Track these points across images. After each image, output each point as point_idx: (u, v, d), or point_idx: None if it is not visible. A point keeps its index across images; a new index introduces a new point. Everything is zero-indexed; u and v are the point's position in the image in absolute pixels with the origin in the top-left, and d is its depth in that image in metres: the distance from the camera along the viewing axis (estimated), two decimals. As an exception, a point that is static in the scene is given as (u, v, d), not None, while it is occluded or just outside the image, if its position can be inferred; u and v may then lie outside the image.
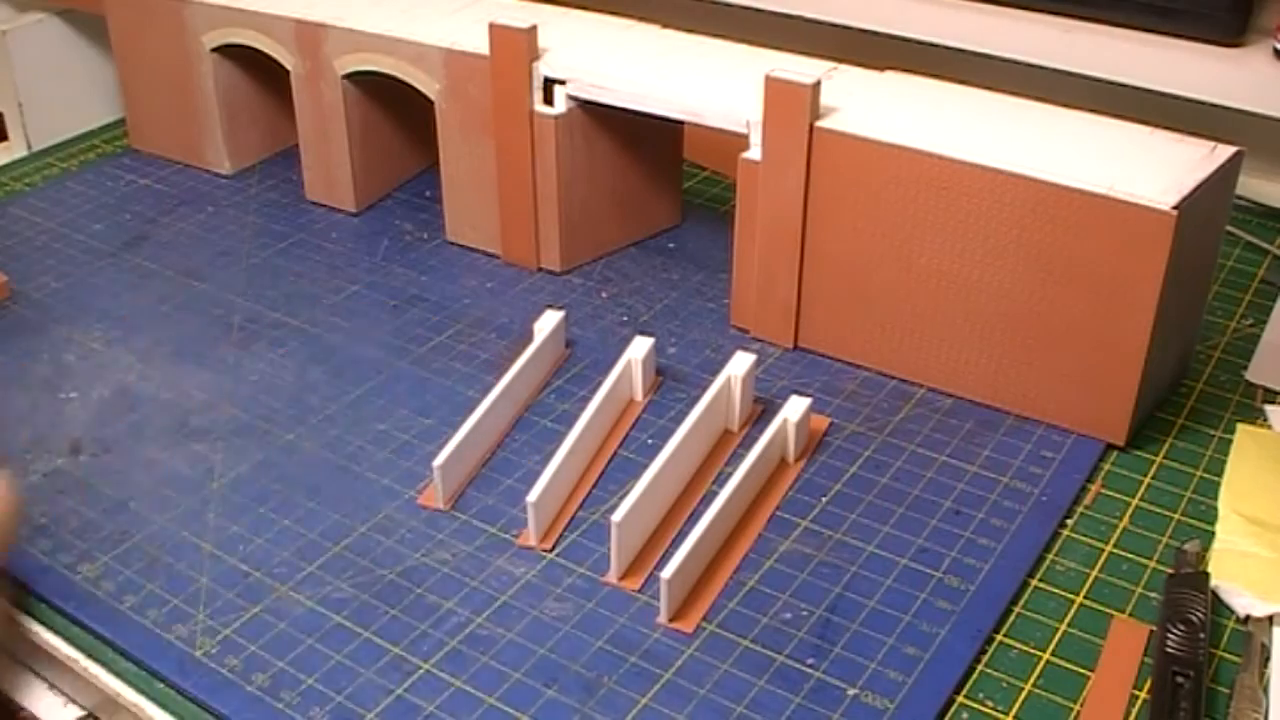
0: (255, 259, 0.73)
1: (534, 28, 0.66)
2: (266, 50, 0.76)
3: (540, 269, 0.71)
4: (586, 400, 0.56)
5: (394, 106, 0.76)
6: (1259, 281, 0.71)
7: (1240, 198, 0.75)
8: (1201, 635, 0.46)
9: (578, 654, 0.47)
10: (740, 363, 0.58)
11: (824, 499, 0.54)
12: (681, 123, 0.67)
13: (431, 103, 0.70)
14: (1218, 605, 0.49)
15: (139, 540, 0.52)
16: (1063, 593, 0.50)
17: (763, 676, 0.46)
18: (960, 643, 0.47)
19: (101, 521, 0.53)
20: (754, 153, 0.61)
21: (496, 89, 0.67)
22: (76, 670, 0.48)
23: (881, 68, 0.65)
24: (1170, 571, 0.50)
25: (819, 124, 0.59)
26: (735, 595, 0.50)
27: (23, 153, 0.88)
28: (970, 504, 0.54)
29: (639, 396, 0.60)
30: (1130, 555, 0.52)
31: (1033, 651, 0.47)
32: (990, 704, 0.45)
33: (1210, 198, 0.55)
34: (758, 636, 0.48)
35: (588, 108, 0.67)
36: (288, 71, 0.75)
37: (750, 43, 0.69)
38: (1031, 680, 0.46)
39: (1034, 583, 0.51)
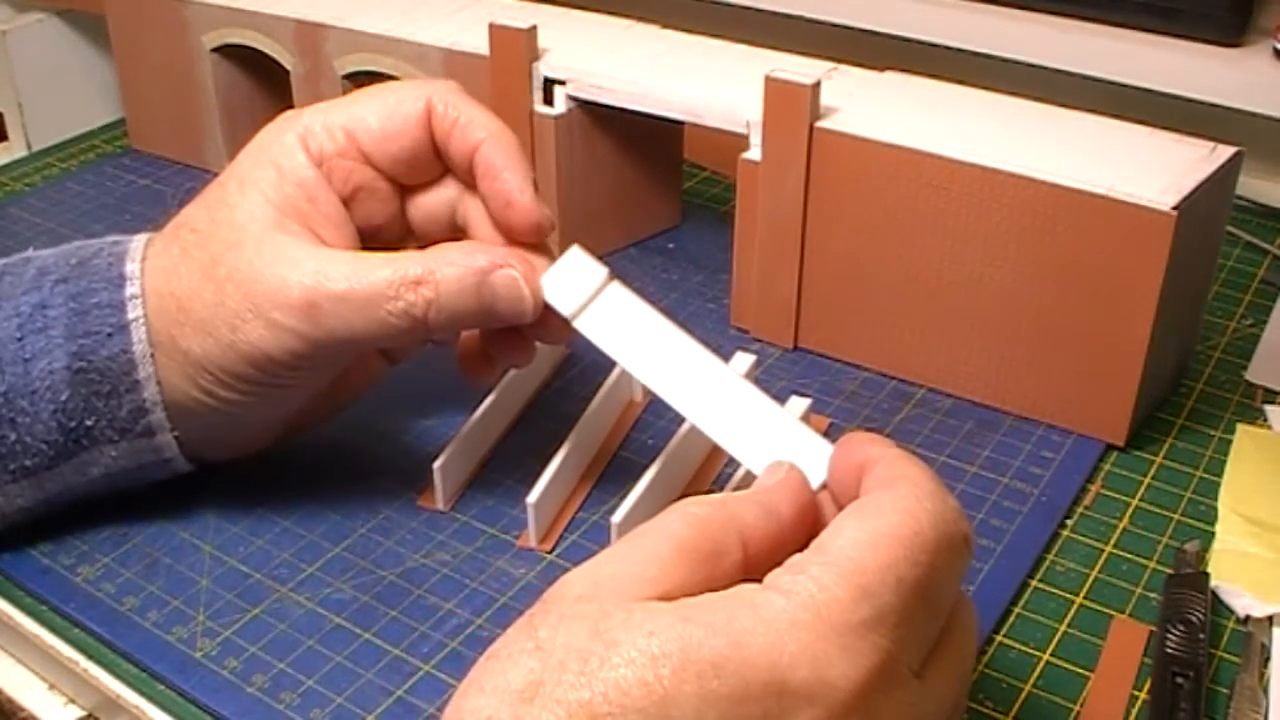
0: (255, 259, 0.73)
1: (534, 28, 0.66)
2: (266, 50, 0.76)
3: (540, 269, 0.71)
4: (586, 400, 0.56)
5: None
6: (1259, 281, 0.71)
7: (1240, 198, 0.75)
8: (1201, 635, 0.46)
9: (578, 655, 0.47)
10: (740, 363, 0.58)
11: (824, 499, 0.54)
12: (681, 123, 0.67)
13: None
14: (1218, 605, 0.49)
15: (139, 542, 0.52)
16: (1063, 593, 0.50)
17: (763, 677, 0.46)
18: (960, 643, 0.47)
19: (102, 523, 0.53)
20: (754, 153, 0.61)
21: (496, 89, 0.67)
22: (77, 671, 0.48)
23: (881, 68, 0.65)
24: (1170, 572, 0.50)
25: (819, 124, 0.59)
26: (735, 596, 0.50)
27: (23, 153, 0.88)
28: (970, 504, 0.54)
29: (639, 396, 0.60)
30: (1130, 555, 0.52)
31: (1032, 652, 0.47)
32: (990, 704, 0.45)
33: (1210, 198, 0.55)
34: (758, 637, 0.48)
35: (588, 108, 0.67)
36: (288, 71, 0.75)
37: (750, 43, 0.69)
38: (1031, 680, 0.46)
39: (1034, 583, 0.51)
